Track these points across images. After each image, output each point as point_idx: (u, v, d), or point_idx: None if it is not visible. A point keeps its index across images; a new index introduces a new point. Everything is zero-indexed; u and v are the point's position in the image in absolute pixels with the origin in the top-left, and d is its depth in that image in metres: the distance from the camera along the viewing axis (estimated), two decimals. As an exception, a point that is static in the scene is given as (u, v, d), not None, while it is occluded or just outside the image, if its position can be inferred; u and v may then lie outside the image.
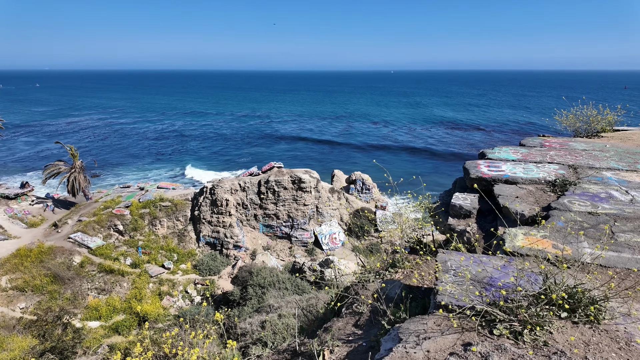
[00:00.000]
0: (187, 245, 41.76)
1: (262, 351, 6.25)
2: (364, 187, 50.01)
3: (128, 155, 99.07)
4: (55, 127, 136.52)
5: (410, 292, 5.62)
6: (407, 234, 8.10)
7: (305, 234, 44.90)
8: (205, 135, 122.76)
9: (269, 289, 32.31)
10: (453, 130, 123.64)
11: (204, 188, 44.41)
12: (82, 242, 37.03)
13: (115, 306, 32.42)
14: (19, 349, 27.20)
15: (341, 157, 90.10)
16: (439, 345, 3.86)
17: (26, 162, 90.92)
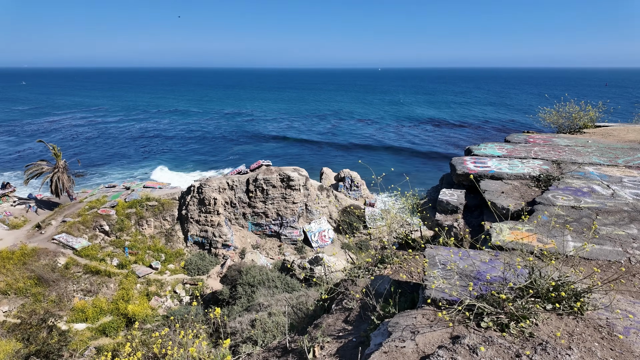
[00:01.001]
0: (175, 245, 41.33)
1: (253, 349, 6.23)
2: (353, 185, 50.19)
3: (112, 155, 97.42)
4: (37, 125, 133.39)
5: (399, 287, 5.67)
6: (395, 230, 8.17)
7: (295, 232, 44.86)
8: (188, 135, 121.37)
9: (259, 288, 32.23)
10: (436, 128, 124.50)
11: (191, 187, 43.97)
12: (66, 244, 36.32)
13: (102, 307, 31.92)
14: (2, 353, 26.58)
15: (327, 157, 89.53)
16: (428, 338, 3.91)
17: (6, 162, 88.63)
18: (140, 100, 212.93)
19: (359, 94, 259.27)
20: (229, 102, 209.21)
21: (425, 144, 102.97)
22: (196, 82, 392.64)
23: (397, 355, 3.71)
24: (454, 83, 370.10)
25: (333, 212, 47.15)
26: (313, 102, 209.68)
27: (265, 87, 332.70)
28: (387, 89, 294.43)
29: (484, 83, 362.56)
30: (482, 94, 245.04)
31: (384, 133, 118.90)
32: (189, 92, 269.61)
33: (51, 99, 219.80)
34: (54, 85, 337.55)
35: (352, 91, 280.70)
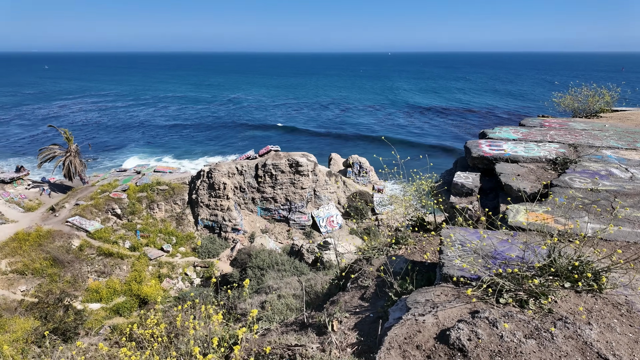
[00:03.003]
0: (185, 228, 41.94)
1: (270, 325, 6.40)
2: (362, 171, 50.12)
3: (122, 139, 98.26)
4: (48, 110, 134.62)
5: (415, 266, 5.75)
6: (410, 212, 8.21)
7: (303, 217, 45.17)
8: (196, 121, 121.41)
9: (268, 271, 32.72)
10: (440, 116, 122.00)
11: (201, 172, 44.32)
12: (80, 226, 37.07)
13: (115, 288, 32.73)
14: (21, 331, 27.54)
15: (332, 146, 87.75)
16: (447, 313, 3.99)
17: (20, 145, 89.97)
18: (148, 85, 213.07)
19: (362, 79, 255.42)
20: (235, 87, 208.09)
21: (432, 132, 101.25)
22: (202, 67, 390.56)
23: (418, 327, 3.80)
24: (458, 68, 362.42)
25: (341, 197, 47.28)
26: (314, 88, 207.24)
27: (272, 72, 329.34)
28: (392, 75, 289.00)
29: (488, 68, 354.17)
30: (486, 79, 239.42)
31: (388, 121, 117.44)
32: (195, 77, 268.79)
33: (59, 83, 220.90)
34: (63, 70, 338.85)
35: (355, 77, 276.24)
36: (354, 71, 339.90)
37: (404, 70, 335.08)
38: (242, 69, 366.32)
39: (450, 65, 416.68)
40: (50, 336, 26.25)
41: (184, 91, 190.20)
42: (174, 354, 4.41)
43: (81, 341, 24.02)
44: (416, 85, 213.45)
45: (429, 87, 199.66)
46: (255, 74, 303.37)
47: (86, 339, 27.41)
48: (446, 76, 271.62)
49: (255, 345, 4.48)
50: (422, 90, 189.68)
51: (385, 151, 9.04)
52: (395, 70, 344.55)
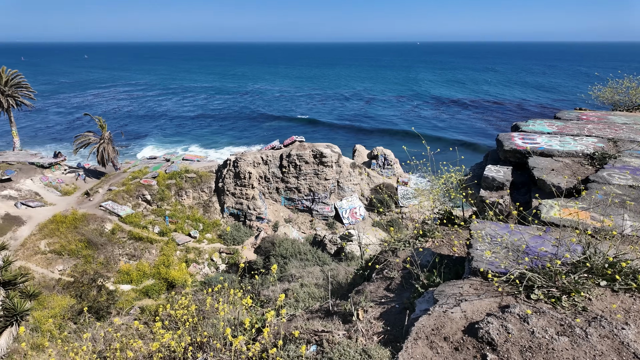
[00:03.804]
0: (212, 215, 42.99)
1: (295, 311, 6.53)
2: (386, 163, 49.63)
3: (152, 128, 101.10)
4: (82, 98, 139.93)
5: (442, 259, 5.71)
6: (437, 205, 8.11)
7: (326, 207, 45.32)
8: (223, 111, 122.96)
9: (291, 260, 33.17)
10: (465, 110, 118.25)
11: (227, 160, 45.12)
12: (112, 210, 38.66)
13: (145, 271, 34.07)
14: (59, 307, 29.20)
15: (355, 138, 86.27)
16: (476, 307, 3.96)
17: (58, 132, 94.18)
18: (175, 75, 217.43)
19: (385, 70, 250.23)
20: (258, 77, 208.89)
21: (457, 126, 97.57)
22: (226, 57, 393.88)
23: (445, 320, 3.80)
24: (486, 58, 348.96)
25: (365, 189, 47.08)
26: (337, 78, 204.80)
27: (295, 62, 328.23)
28: (416, 66, 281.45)
29: (518, 58, 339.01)
30: (516, 71, 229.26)
31: (411, 114, 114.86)
32: (219, 67, 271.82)
33: (93, 73, 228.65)
34: (99, 59, 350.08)
35: (382, 67, 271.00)
36: (378, 61, 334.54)
37: (429, 61, 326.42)
38: (265, 59, 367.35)
39: (477, 55, 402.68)
40: (84, 314, 27.70)
41: (210, 81, 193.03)
42: (206, 333, 4.59)
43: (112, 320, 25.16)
44: (442, 76, 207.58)
45: (455, 79, 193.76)
46: (279, 64, 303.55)
47: (117, 318, 28.76)
48: (473, 67, 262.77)
49: (283, 329, 4.60)
50: (447, 81, 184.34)
51: (409, 145, 8.94)
52: (420, 60, 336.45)
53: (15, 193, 40.93)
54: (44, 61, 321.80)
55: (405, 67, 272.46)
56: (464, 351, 3.44)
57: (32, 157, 49.66)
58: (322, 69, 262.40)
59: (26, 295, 17.74)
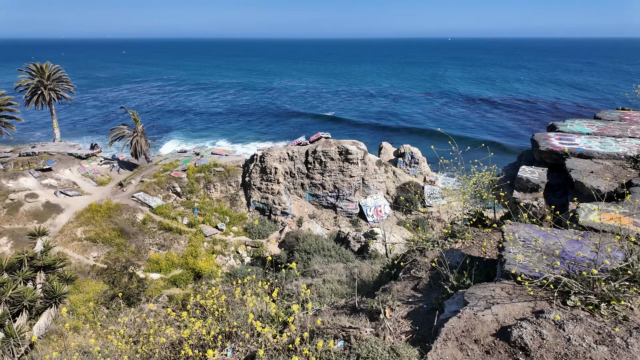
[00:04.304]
0: (238, 209, 43.82)
1: (320, 306, 6.59)
2: (413, 161, 48.94)
3: (183, 122, 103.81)
4: (117, 93, 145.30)
5: (472, 261, 5.61)
6: (467, 206, 7.95)
7: (351, 205, 45.23)
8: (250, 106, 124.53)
9: (314, 255, 33.34)
10: (500, 108, 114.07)
11: (254, 156, 45.77)
12: (144, 201, 40.08)
13: (173, 261, 35.18)
14: (92, 292, 30.65)
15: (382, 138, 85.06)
16: (508, 310, 3.88)
17: (94, 125, 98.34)
18: (205, 71, 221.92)
19: (412, 67, 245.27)
20: (285, 74, 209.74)
21: (487, 126, 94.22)
22: (254, 54, 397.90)
23: (476, 322, 3.74)
24: (518, 55, 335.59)
25: (390, 187, 46.63)
26: (363, 75, 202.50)
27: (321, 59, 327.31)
28: (444, 62, 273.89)
29: (551, 55, 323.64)
30: (551, 68, 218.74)
31: (438, 112, 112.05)
32: (247, 64, 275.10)
33: (127, 68, 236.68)
34: (136, 55, 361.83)
35: (408, 64, 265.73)
36: (405, 57, 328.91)
37: (459, 58, 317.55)
38: (292, 56, 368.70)
39: (509, 52, 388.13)
40: (116, 299, 28.94)
41: (238, 77, 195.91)
42: (235, 323, 4.72)
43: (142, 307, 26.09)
44: (471, 73, 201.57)
45: (484, 76, 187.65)
46: (306, 61, 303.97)
47: (147, 305, 29.88)
48: (504, 64, 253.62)
49: (309, 322, 4.66)
50: (477, 79, 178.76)
51: (437, 144, 8.78)
52: (449, 57, 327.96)
53: (55, 182, 43.13)
54: (83, 56, 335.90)
55: (432, 63, 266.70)
56: (495, 355, 3.38)
57: (71, 148, 52.15)
58: (348, 66, 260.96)
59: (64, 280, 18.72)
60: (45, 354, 8.94)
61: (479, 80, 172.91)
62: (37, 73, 54.86)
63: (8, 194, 38.92)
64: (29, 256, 16.85)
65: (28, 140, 74.85)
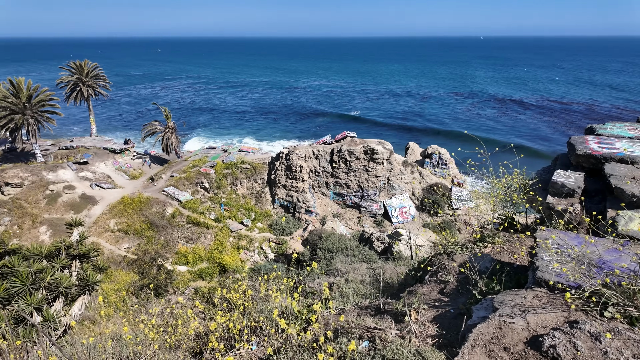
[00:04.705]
0: (263, 206, 44.41)
1: (344, 306, 6.59)
2: (440, 162, 48.01)
3: (211, 119, 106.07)
4: (150, 90, 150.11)
5: (502, 267, 5.46)
6: (498, 209, 7.75)
7: (375, 205, 44.90)
8: (277, 105, 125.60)
9: (337, 254, 33.31)
10: (532, 110, 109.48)
11: (280, 153, 46.20)
12: (173, 196, 41.29)
13: (200, 255, 36.07)
14: (123, 282, 31.87)
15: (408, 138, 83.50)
16: (541, 319, 3.76)
17: (128, 120, 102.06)
18: (234, 69, 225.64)
19: (440, 66, 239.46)
20: (312, 73, 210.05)
21: (518, 128, 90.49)
22: (282, 52, 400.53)
23: (506, 330, 3.65)
24: (551, 54, 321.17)
25: (416, 188, 45.95)
26: (389, 74, 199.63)
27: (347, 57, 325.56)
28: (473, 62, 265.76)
29: (586, 55, 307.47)
30: (587, 68, 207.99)
31: (467, 114, 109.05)
32: (276, 62, 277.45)
33: (160, 66, 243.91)
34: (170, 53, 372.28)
35: (436, 63, 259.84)
36: (433, 56, 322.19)
37: (489, 57, 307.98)
38: (319, 54, 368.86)
39: (542, 50, 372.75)
40: (145, 290, 29.98)
41: (265, 75, 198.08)
42: (261, 318, 4.80)
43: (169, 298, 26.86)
44: (502, 73, 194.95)
45: (516, 76, 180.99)
46: (333, 60, 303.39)
47: (174, 296, 30.80)
48: (537, 63, 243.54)
49: (333, 321, 4.68)
50: (507, 79, 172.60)
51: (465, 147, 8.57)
52: (479, 56, 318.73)
53: (90, 175, 45.10)
54: (118, 54, 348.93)
55: (462, 62, 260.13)
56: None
57: (106, 143, 54.36)
58: (374, 64, 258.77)
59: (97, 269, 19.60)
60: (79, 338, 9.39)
61: (510, 81, 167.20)
62: (77, 70, 57.44)
63: (48, 185, 41.02)
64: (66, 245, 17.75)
65: (66, 134, 78.62)
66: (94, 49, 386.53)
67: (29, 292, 15.63)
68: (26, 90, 45.94)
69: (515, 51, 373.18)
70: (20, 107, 45.13)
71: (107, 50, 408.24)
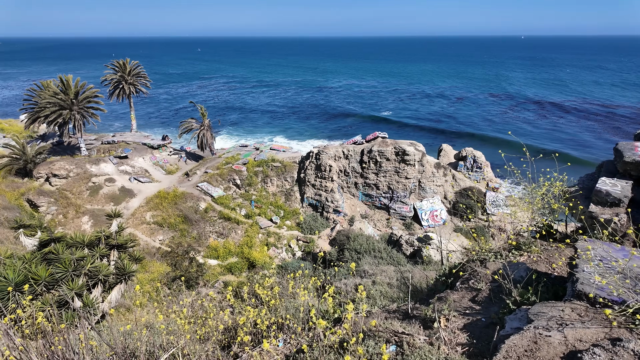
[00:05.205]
0: (292, 204, 44.85)
1: (371, 309, 6.55)
2: (475, 165, 46.59)
3: (244, 117, 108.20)
4: (187, 88, 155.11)
5: (539, 277, 5.24)
6: (535, 217, 7.43)
7: (405, 207, 44.23)
8: (310, 105, 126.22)
9: (364, 256, 33.12)
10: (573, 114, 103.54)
11: (310, 153, 46.46)
12: (207, 191, 42.50)
13: (230, 249, 36.93)
14: (157, 273, 33.14)
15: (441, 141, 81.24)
16: (579, 334, 3.59)
17: (167, 117, 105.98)
18: (268, 69, 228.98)
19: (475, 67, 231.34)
20: (345, 73, 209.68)
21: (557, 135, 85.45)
22: (315, 52, 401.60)
23: (541, 343, 3.51)
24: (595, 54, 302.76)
25: (449, 192, 44.86)
26: (422, 74, 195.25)
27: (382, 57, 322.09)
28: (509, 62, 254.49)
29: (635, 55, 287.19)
30: (634, 69, 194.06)
31: (503, 117, 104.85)
32: (309, 62, 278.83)
33: (196, 65, 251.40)
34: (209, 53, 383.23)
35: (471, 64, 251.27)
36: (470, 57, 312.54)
37: (528, 57, 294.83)
38: (352, 54, 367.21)
39: (586, 51, 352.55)
40: (177, 281, 31.03)
41: (297, 75, 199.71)
42: (289, 316, 4.85)
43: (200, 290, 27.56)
44: (540, 74, 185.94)
45: (556, 78, 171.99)
46: (365, 59, 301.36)
47: (204, 289, 31.69)
48: (579, 64, 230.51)
49: (363, 323, 4.66)
50: (547, 81, 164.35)
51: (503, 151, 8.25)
52: (519, 56, 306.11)
53: (130, 169, 47.19)
54: (158, 53, 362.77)
55: (498, 63, 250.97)
56: (562, 380, 3.15)
57: (145, 138, 56.68)
58: (406, 64, 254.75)
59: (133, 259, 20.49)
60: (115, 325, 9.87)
61: (550, 82, 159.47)
62: (120, 69, 60.24)
63: (91, 177, 43.31)
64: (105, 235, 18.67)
65: (108, 129, 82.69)
66: (134, 49, 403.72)
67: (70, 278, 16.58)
68: (74, 87, 48.66)
69: (557, 51, 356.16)
70: (68, 103, 47.88)
71: (146, 49, 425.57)
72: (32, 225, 23.25)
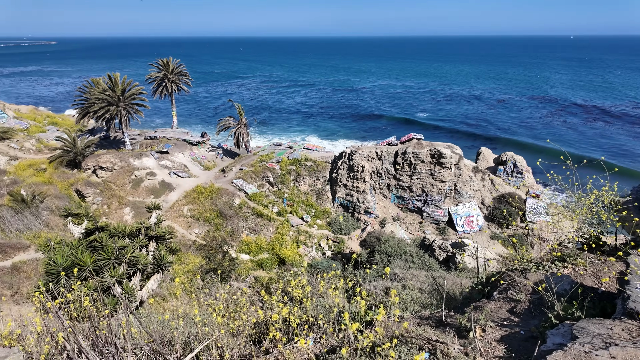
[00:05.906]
0: (323, 203, 44.97)
1: (403, 314, 6.44)
2: (516, 171, 44.72)
3: (278, 116, 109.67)
4: (226, 87, 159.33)
5: (585, 291, 4.95)
6: (582, 227, 7.02)
7: (439, 211, 43.17)
8: (343, 105, 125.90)
9: (395, 259, 32.61)
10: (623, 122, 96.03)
11: (342, 153, 46.36)
12: (241, 188, 43.48)
13: (262, 245, 37.58)
14: (192, 265, 34.29)
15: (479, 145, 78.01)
16: (630, 354, 3.36)
17: (206, 115, 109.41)
18: (304, 69, 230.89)
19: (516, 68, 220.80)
20: (381, 73, 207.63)
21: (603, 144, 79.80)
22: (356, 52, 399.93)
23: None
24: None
25: (486, 197, 43.32)
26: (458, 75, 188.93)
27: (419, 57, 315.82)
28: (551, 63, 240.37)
29: None
30: None
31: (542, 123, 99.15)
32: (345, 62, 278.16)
33: (235, 64, 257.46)
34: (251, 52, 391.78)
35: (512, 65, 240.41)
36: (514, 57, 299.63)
37: (574, 58, 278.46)
38: (385, 54, 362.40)
39: (638, 51, 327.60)
40: (210, 274, 31.96)
41: (332, 75, 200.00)
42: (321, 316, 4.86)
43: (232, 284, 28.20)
44: (587, 76, 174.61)
45: (604, 81, 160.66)
46: (403, 60, 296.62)
47: (235, 282, 32.47)
48: (632, 66, 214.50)
49: (396, 329, 4.60)
50: (592, 83, 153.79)
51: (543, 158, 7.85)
52: (565, 57, 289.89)
53: (169, 164, 49.11)
54: (198, 52, 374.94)
55: (541, 64, 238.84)
56: (610, 403, 2.96)
57: (185, 135, 58.78)
58: (441, 65, 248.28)
59: (170, 250, 21.31)
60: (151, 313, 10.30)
61: (597, 85, 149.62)
62: (163, 67, 62.80)
63: (133, 170, 45.46)
64: (145, 226, 19.55)
65: (150, 125, 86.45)
66: (176, 48, 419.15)
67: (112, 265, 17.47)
68: (121, 84, 51.26)
69: (608, 52, 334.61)
70: (115, 99, 50.50)
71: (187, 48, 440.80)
72: (79, 214, 24.69)
